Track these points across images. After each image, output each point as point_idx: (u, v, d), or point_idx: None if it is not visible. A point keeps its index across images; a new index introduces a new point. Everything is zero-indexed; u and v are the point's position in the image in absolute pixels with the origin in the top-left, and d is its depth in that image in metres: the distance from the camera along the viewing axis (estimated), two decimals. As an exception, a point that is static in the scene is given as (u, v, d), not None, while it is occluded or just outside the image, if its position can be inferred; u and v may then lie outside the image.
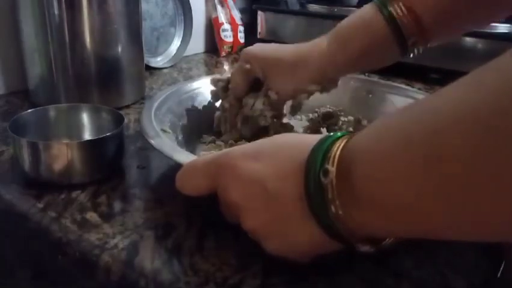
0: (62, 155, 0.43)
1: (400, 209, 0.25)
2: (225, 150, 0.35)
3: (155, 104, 0.51)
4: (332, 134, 0.30)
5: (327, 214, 0.28)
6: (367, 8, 0.47)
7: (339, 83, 0.52)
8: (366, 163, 0.26)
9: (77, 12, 0.59)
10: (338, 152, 0.28)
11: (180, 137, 0.51)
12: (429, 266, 0.35)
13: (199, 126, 0.57)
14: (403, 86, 0.64)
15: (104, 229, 0.38)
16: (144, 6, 0.71)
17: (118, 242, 0.36)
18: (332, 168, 0.27)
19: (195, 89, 0.59)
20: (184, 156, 0.39)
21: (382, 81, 0.65)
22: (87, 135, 0.52)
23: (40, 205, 0.41)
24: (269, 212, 0.30)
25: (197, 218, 0.39)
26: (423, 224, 0.25)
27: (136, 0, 0.66)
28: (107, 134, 0.45)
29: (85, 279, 0.37)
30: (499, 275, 0.35)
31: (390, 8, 0.45)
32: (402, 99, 0.59)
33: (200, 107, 0.58)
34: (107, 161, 0.46)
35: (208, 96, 0.58)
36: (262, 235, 0.32)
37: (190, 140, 0.54)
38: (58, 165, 0.43)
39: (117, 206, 0.42)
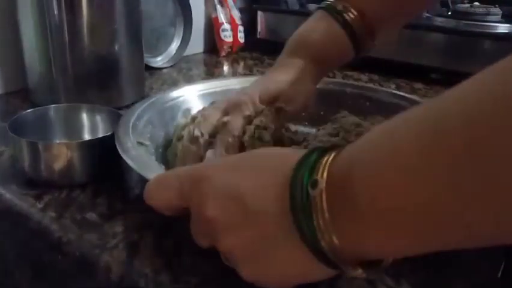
0: (61, 155, 0.43)
1: (411, 214, 0.22)
2: (200, 163, 0.31)
3: (135, 115, 0.49)
4: (319, 146, 0.27)
5: (312, 228, 0.25)
6: (325, 20, 0.48)
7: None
8: (369, 163, 0.24)
9: (77, 12, 0.59)
10: (329, 162, 0.25)
11: (160, 150, 0.48)
12: (429, 266, 0.35)
13: None
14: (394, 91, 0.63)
15: (104, 229, 0.38)
16: (144, 7, 0.71)
17: (118, 242, 0.36)
18: (321, 178, 0.25)
19: (178, 97, 0.56)
20: (152, 173, 0.36)
21: (379, 88, 0.65)
22: (87, 135, 0.52)
23: (40, 205, 0.41)
24: (249, 230, 0.27)
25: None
26: (437, 231, 0.22)
27: (136, 0, 0.66)
28: (107, 134, 0.45)
29: (85, 279, 0.37)
30: (499, 275, 0.35)
31: (344, 15, 0.47)
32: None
33: (184, 116, 0.54)
34: (106, 161, 0.46)
35: (192, 104, 0.55)
36: (240, 256, 0.28)
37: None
38: (58, 165, 0.43)
39: (117, 206, 0.41)
